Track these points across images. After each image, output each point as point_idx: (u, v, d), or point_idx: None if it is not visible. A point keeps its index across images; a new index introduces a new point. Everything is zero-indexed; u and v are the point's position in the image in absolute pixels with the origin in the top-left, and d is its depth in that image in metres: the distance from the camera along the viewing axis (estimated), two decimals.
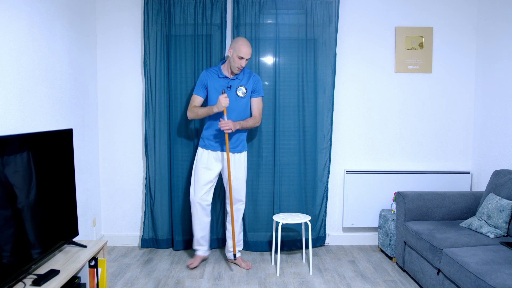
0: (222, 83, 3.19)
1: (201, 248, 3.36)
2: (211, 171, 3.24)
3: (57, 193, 2.47)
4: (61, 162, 2.52)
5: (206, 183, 3.24)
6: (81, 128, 3.34)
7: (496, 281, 2.11)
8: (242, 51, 3.08)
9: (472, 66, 3.80)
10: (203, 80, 3.22)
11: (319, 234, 3.76)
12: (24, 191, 2.13)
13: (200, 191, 3.23)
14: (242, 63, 3.12)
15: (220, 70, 3.22)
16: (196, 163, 3.28)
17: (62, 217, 2.52)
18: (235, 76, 3.21)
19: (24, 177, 2.12)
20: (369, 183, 3.75)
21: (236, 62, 3.11)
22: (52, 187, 2.41)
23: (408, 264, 3.15)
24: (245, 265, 3.31)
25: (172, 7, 3.53)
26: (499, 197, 2.87)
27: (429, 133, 3.83)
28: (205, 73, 3.23)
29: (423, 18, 3.74)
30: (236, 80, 3.20)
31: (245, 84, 3.22)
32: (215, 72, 3.22)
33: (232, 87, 3.19)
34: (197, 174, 3.25)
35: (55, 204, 2.44)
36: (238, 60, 3.10)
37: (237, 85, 3.20)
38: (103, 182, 3.77)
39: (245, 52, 3.09)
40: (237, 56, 3.09)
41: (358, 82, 3.77)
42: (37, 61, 2.65)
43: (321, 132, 3.67)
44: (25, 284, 2.06)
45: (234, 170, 3.24)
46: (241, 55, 3.09)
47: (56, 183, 2.45)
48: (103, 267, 2.62)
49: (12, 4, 2.38)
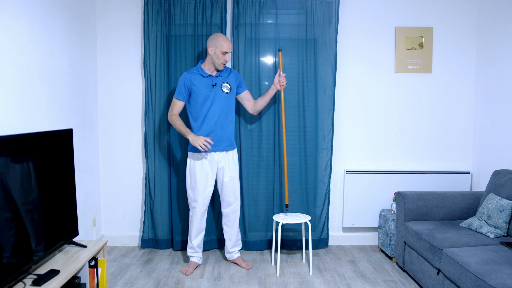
0: (207, 82, 3.14)
1: (195, 255, 3.32)
2: (208, 174, 3.18)
3: (57, 193, 2.47)
4: (61, 162, 2.52)
5: (205, 188, 3.19)
6: (81, 128, 3.34)
7: (496, 281, 2.11)
8: (225, 46, 3.08)
9: (472, 66, 3.80)
10: (186, 83, 3.13)
11: (321, 236, 3.73)
12: (24, 191, 2.13)
13: (200, 197, 3.18)
14: (227, 57, 3.11)
15: (202, 69, 3.17)
16: (190, 169, 3.20)
17: (62, 217, 2.52)
18: (218, 73, 3.18)
19: (24, 177, 2.12)
20: (369, 183, 3.75)
21: (220, 58, 3.09)
22: (52, 187, 2.41)
23: (408, 264, 3.15)
24: (245, 265, 3.31)
25: (172, 7, 3.53)
26: (499, 197, 2.87)
27: (429, 133, 3.83)
28: (187, 75, 3.14)
29: (423, 18, 3.74)
30: (219, 77, 3.18)
31: (228, 79, 3.22)
32: (197, 72, 3.16)
33: (217, 84, 3.17)
34: (193, 180, 3.18)
35: (55, 204, 2.44)
36: (222, 55, 3.09)
37: (221, 82, 3.18)
38: (103, 182, 3.77)
39: (227, 46, 3.09)
40: (221, 52, 3.08)
41: (358, 82, 3.77)
42: (37, 61, 2.65)
43: (322, 132, 3.67)
44: (25, 284, 2.06)
45: (229, 170, 3.22)
46: (225, 49, 3.08)
47: (56, 183, 2.45)
48: (103, 267, 2.62)
49: (12, 4, 2.38)
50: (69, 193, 2.62)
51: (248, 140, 3.64)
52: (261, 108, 3.40)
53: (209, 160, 3.17)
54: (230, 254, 3.37)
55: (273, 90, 3.36)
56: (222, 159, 3.19)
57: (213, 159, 3.17)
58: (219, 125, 3.15)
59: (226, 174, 3.21)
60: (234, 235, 3.34)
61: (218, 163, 3.19)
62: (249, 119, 3.64)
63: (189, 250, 3.32)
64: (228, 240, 3.35)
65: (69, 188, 2.62)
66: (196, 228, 3.25)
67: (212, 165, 3.18)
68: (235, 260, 3.38)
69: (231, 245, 3.36)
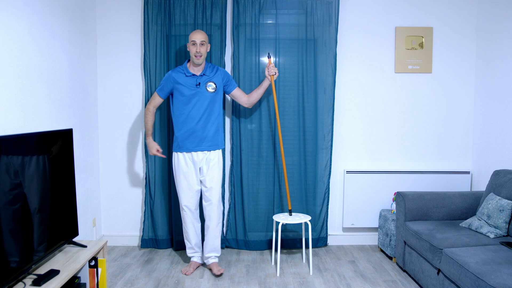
0: (191, 81, 3.12)
1: (196, 255, 3.30)
2: (190, 174, 3.16)
3: (57, 193, 2.47)
4: (61, 162, 2.52)
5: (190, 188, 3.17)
6: (81, 128, 3.34)
7: (496, 281, 2.11)
8: (192, 36, 3.08)
9: (472, 66, 3.80)
10: (170, 81, 3.14)
11: (320, 235, 3.75)
12: (24, 191, 2.13)
13: (186, 197, 3.18)
14: (197, 48, 3.06)
15: (186, 68, 3.16)
16: (174, 169, 3.20)
17: (62, 217, 2.52)
18: (202, 72, 3.15)
19: (24, 178, 2.12)
20: (369, 183, 3.75)
21: (191, 49, 3.08)
22: (52, 187, 2.41)
23: (408, 264, 3.15)
24: (216, 271, 3.15)
25: (172, 7, 3.53)
26: (499, 197, 2.87)
27: (429, 133, 3.83)
28: (171, 74, 3.16)
29: (423, 18, 3.74)
30: (204, 77, 3.15)
31: (213, 78, 3.18)
32: (182, 71, 3.16)
33: (201, 84, 3.13)
34: (178, 180, 3.18)
35: (55, 204, 2.44)
36: (193, 47, 3.07)
37: (205, 81, 3.15)
38: (103, 182, 3.77)
39: (195, 36, 3.07)
40: (190, 43, 3.08)
41: (358, 82, 3.77)
42: (37, 61, 2.65)
43: (322, 132, 3.67)
44: (25, 284, 2.06)
45: (208, 170, 3.15)
46: (192, 39, 3.07)
47: (56, 183, 2.45)
48: (103, 267, 2.62)
49: (12, 4, 2.38)
50: (69, 193, 2.62)
51: (248, 140, 3.64)
52: (256, 101, 3.40)
53: (192, 160, 3.16)
54: (207, 260, 3.26)
55: (267, 82, 3.34)
56: (202, 159, 3.15)
57: (193, 159, 3.15)
58: (201, 125, 3.12)
59: (204, 174, 3.16)
60: (209, 240, 3.22)
61: (199, 162, 3.16)
62: (249, 119, 3.64)
63: (188, 250, 3.31)
64: (205, 243, 3.25)
65: (69, 188, 2.63)
66: (190, 227, 3.24)
67: (195, 164, 3.16)
68: (209, 265, 3.25)
69: (207, 250, 3.24)
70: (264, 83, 3.36)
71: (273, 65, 3.31)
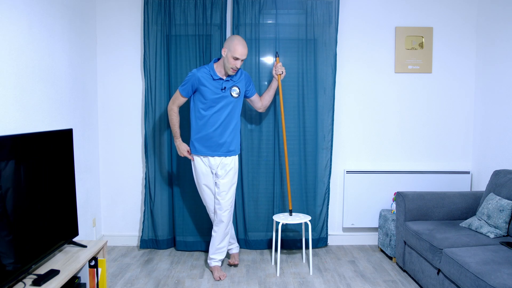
0: (216, 85, 3.00)
1: (233, 246, 3.40)
2: (208, 176, 3.16)
3: (57, 193, 2.47)
4: (61, 162, 2.52)
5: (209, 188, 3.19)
6: (81, 128, 3.34)
7: (496, 281, 2.11)
8: (238, 51, 2.89)
9: (472, 66, 3.80)
10: (194, 82, 2.99)
11: (321, 235, 3.75)
12: (24, 191, 2.13)
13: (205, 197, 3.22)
14: (238, 64, 2.92)
15: (213, 70, 3.01)
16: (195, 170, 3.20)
17: (62, 217, 2.52)
18: (229, 77, 3.03)
19: (24, 177, 2.12)
20: (369, 183, 3.75)
21: (231, 63, 2.92)
22: (52, 187, 2.41)
23: (408, 264, 3.15)
24: (216, 275, 3.10)
25: (172, 7, 3.53)
26: (499, 197, 2.87)
27: (429, 133, 3.83)
28: (197, 74, 2.98)
29: (423, 18, 3.74)
30: (229, 81, 3.04)
31: (238, 83, 3.09)
32: (208, 73, 3.01)
33: (226, 88, 3.02)
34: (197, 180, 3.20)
35: (55, 204, 2.44)
36: (233, 61, 2.91)
37: (230, 85, 3.04)
38: (103, 182, 3.77)
39: (241, 52, 2.90)
40: (232, 56, 2.90)
41: (358, 82, 3.77)
42: (37, 61, 2.65)
43: (322, 132, 3.67)
44: (25, 284, 2.06)
45: (223, 176, 3.10)
46: (237, 55, 2.89)
47: (56, 183, 2.45)
48: (103, 267, 2.62)
49: (12, 4, 2.38)
50: (69, 193, 2.62)
51: (248, 140, 3.64)
52: (269, 104, 3.39)
53: (208, 164, 3.14)
54: (210, 261, 3.21)
55: (275, 82, 3.32)
56: (218, 164, 3.12)
57: (210, 162, 3.13)
58: (219, 132, 3.05)
59: (218, 179, 3.12)
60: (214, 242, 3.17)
61: (214, 167, 3.13)
62: (249, 119, 3.64)
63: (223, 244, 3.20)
64: (211, 244, 3.21)
65: (69, 188, 2.62)
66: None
67: (211, 168, 3.15)
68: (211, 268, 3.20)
69: (212, 251, 3.20)
70: (273, 84, 3.33)
71: (280, 64, 3.28)
